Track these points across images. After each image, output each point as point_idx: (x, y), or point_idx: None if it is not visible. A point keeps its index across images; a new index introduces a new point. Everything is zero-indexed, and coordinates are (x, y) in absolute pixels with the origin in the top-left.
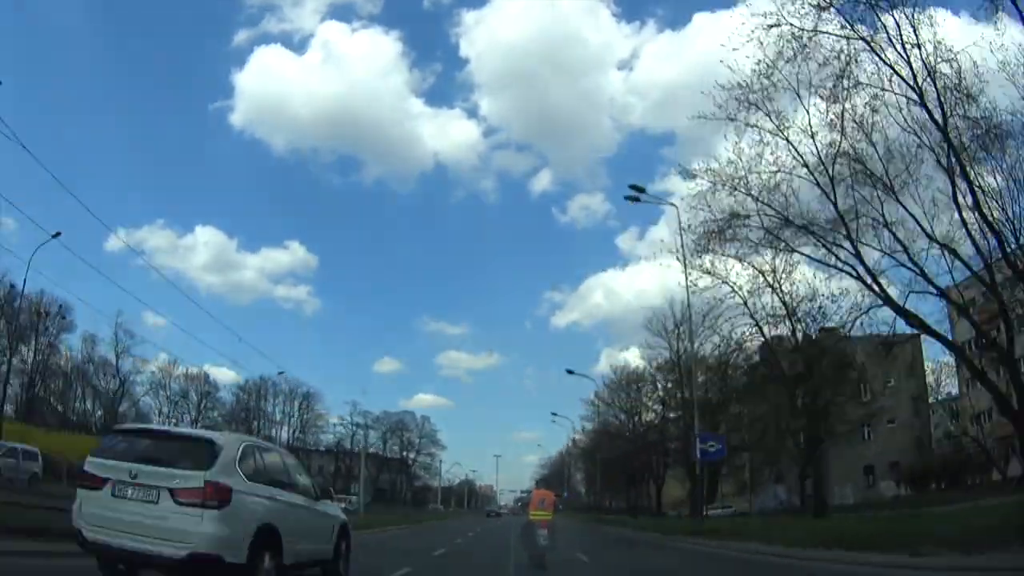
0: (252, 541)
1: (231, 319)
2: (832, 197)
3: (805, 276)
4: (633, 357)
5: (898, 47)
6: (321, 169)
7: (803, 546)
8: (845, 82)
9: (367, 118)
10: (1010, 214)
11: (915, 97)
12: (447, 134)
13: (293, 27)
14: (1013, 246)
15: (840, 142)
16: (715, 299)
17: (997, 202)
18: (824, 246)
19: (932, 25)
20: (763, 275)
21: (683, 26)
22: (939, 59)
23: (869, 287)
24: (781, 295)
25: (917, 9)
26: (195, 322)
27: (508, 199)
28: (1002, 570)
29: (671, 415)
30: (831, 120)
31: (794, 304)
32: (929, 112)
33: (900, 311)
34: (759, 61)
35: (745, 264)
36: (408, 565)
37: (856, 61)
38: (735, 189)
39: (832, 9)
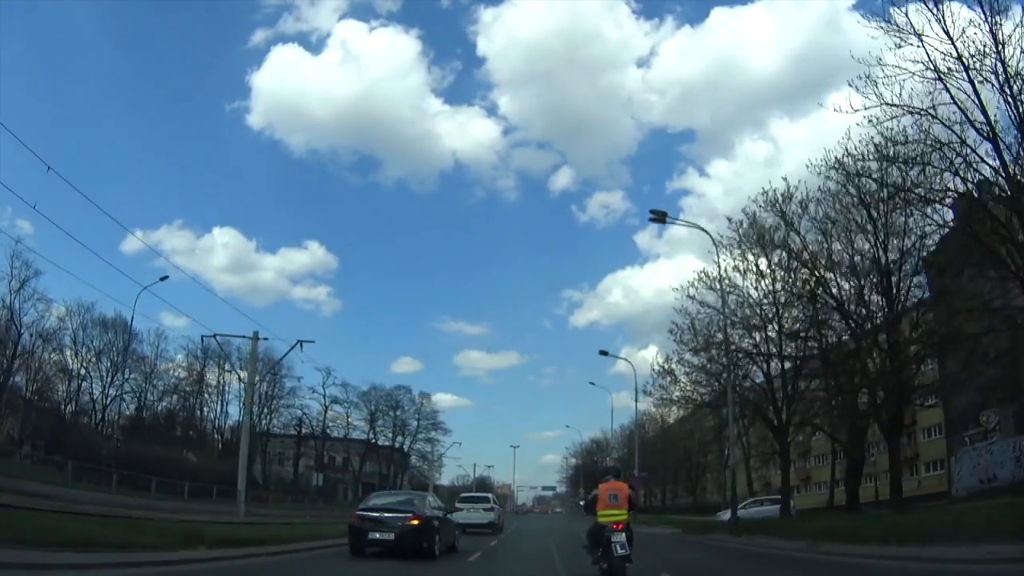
0: (498, 518)
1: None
2: None
3: None
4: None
5: None
6: (340, 169)
7: None
8: None
9: (386, 117)
10: None
11: None
12: (466, 133)
13: (310, 27)
14: None
15: None
16: None
17: None
18: None
19: None
20: None
21: (701, 22)
22: None
23: None
24: None
25: None
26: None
27: (527, 197)
28: None
29: None
30: None
31: None
32: None
33: None
34: None
35: None
36: None
37: None
38: None
39: None
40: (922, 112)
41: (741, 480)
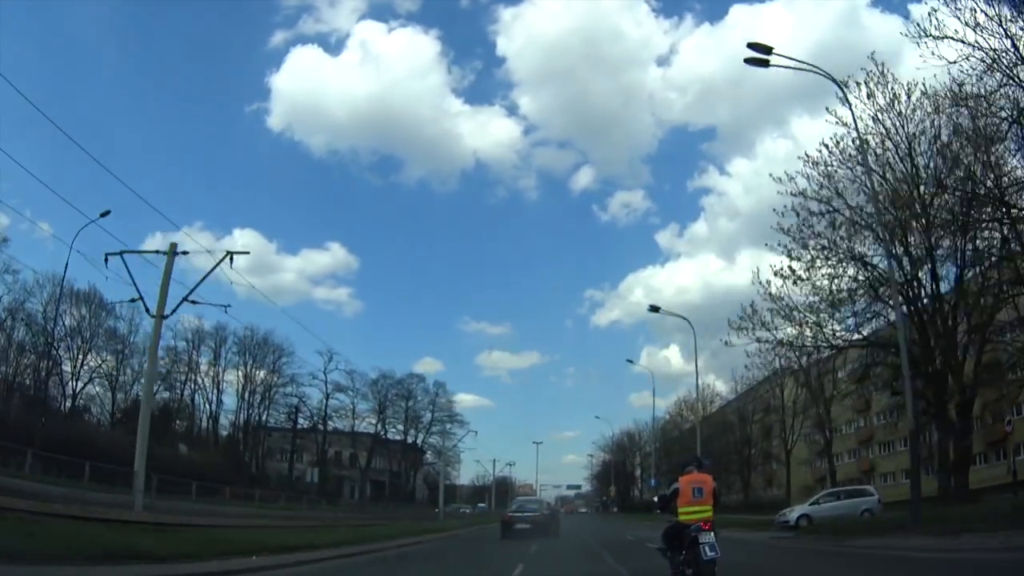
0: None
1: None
2: None
3: None
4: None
5: None
6: (360, 170)
7: None
8: None
9: (406, 118)
10: None
11: None
12: (487, 132)
13: (330, 28)
14: None
15: None
16: None
17: None
18: None
19: None
20: None
21: (720, 19)
22: None
23: None
24: None
25: None
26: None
27: (549, 197)
28: None
29: None
30: None
31: None
32: None
33: None
34: None
35: None
36: None
37: None
38: None
39: None
40: None
41: (804, 473)
